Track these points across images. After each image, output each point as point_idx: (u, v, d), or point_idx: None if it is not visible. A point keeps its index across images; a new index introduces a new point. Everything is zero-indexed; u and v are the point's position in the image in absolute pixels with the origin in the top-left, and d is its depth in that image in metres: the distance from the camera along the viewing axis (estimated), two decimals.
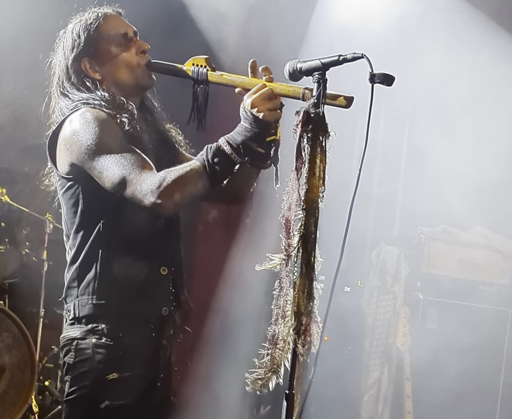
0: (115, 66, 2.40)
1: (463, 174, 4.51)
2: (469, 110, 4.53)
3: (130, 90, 2.41)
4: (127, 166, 2.16)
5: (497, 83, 4.56)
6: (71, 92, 2.37)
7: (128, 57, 2.40)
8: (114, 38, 2.40)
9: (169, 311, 2.39)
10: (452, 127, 4.63)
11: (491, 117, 4.58)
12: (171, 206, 2.15)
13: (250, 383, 2.01)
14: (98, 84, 2.37)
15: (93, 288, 2.30)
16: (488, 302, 4.69)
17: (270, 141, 2.15)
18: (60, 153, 2.31)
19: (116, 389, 2.27)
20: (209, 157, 2.12)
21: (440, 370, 4.43)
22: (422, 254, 4.77)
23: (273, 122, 2.12)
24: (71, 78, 2.38)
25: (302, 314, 1.95)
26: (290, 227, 1.97)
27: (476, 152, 4.49)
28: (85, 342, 2.29)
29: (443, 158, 4.60)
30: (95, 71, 2.39)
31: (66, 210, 2.37)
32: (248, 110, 2.10)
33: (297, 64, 2.04)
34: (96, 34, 2.39)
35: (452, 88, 4.57)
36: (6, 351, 4.34)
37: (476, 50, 4.51)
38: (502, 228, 4.80)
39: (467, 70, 4.52)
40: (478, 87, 4.55)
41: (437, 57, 4.72)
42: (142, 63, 2.40)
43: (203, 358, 4.40)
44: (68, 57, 2.39)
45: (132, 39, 2.43)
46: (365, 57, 1.93)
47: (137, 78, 2.41)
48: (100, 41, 2.40)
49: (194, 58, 2.33)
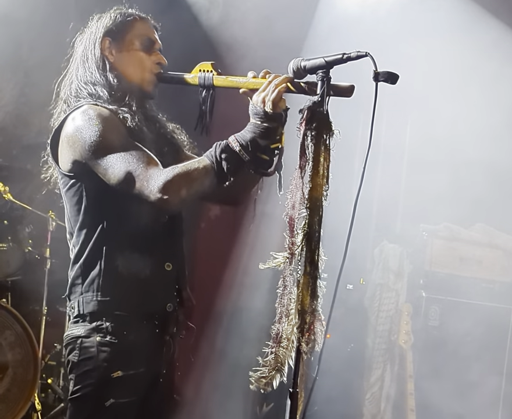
0: (130, 57, 2.42)
1: (465, 172, 4.51)
2: (473, 105, 4.51)
3: (132, 89, 2.41)
4: (132, 162, 2.16)
5: (501, 73, 4.55)
6: (90, 64, 2.39)
7: (144, 58, 2.43)
8: (142, 37, 2.44)
9: (173, 307, 2.39)
10: (455, 124, 4.62)
11: (495, 113, 4.57)
12: (178, 202, 2.15)
13: (254, 381, 2.02)
14: (111, 67, 2.39)
15: (97, 285, 2.30)
16: (490, 300, 4.69)
17: (274, 148, 2.17)
18: (63, 151, 2.31)
19: (120, 387, 2.28)
20: (217, 154, 2.13)
21: (443, 368, 4.43)
22: (425, 252, 4.76)
23: (282, 112, 2.13)
24: (95, 51, 2.40)
25: (306, 312, 1.95)
26: (293, 226, 1.98)
27: (477, 150, 4.48)
28: (89, 340, 2.29)
29: (444, 157, 4.59)
30: (111, 53, 2.42)
31: (69, 208, 2.37)
32: (258, 106, 2.12)
33: (301, 62, 2.05)
34: (129, 23, 2.44)
35: (455, 82, 4.56)
36: (8, 349, 4.35)
37: (480, 38, 4.51)
38: (505, 225, 4.79)
39: (472, 62, 4.51)
40: (483, 77, 4.53)
41: (443, 50, 4.71)
42: (154, 71, 2.43)
43: (206, 355, 4.40)
44: (99, 31, 2.42)
45: (155, 50, 2.47)
46: (369, 55, 1.93)
47: (142, 81, 2.42)
48: (128, 31, 2.44)
49: (200, 64, 2.36)
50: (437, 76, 4.75)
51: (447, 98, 4.63)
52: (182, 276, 2.47)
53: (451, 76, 4.65)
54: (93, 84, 2.37)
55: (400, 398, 4.52)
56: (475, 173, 4.46)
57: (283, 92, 2.11)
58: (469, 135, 4.51)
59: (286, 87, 2.11)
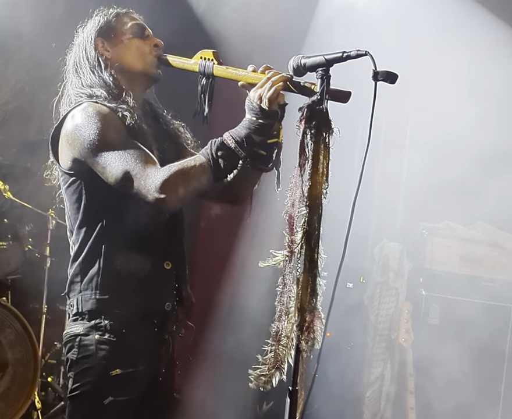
0: (126, 47, 2.43)
1: (465, 171, 4.50)
2: (474, 105, 4.51)
3: (135, 77, 2.42)
4: (130, 161, 2.16)
5: (501, 71, 4.54)
6: (84, 69, 2.39)
7: (140, 44, 2.44)
8: (132, 26, 2.46)
9: (172, 306, 2.39)
10: (456, 122, 4.61)
11: (495, 112, 4.56)
12: (175, 201, 2.15)
13: (253, 380, 2.01)
14: (106, 65, 2.39)
15: (96, 283, 2.30)
16: (490, 298, 4.68)
17: (272, 143, 2.17)
18: (63, 149, 2.31)
19: (119, 385, 2.28)
20: (213, 152, 2.13)
21: (443, 366, 4.43)
22: (425, 250, 4.76)
23: (278, 109, 2.13)
24: (87, 54, 2.40)
25: (306, 310, 1.95)
26: (293, 224, 1.97)
27: (478, 149, 4.48)
28: (88, 338, 2.29)
29: (446, 155, 4.59)
30: (106, 50, 2.42)
31: (69, 205, 2.37)
32: (254, 102, 2.11)
33: (301, 59, 2.05)
34: (116, 19, 2.45)
35: (456, 80, 4.55)
36: (8, 347, 4.34)
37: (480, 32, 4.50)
38: (505, 223, 4.79)
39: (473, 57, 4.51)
40: (483, 74, 4.53)
41: (442, 47, 4.70)
42: (154, 54, 2.43)
43: (205, 353, 4.40)
44: (90, 36, 2.43)
45: (148, 35, 2.47)
46: (368, 54, 1.93)
47: (145, 65, 2.42)
48: (117, 25, 2.45)
49: (202, 51, 2.35)
50: (439, 75, 4.75)
51: (448, 97, 4.62)
52: (182, 274, 2.47)
53: (452, 76, 4.64)
54: (90, 86, 2.37)
55: (400, 397, 4.52)
56: (475, 172, 4.45)
57: (280, 90, 2.11)
58: (469, 135, 4.51)
59: (284, 86, 2.11)
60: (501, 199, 4.47)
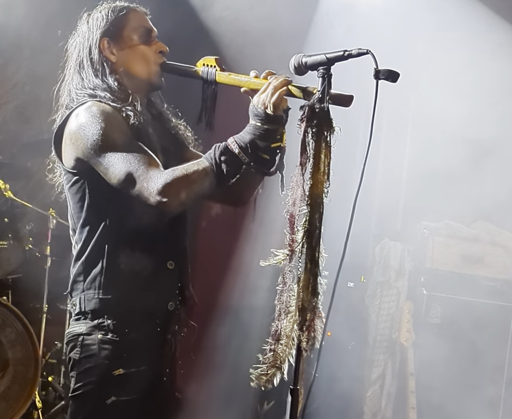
0: (132, 54, 2.41)
1: (466, 169, 4.50)
2: (475, 104, 4.50)
3: (140, 84, 2.41)
4: (133, 163, 2.15)
5: (501, 66, 4.53)
6: (87, 71, 2.37)
7: (146, 50, 2.42)
8: (138, 29, 2.43)
9: (175, 306, 2.39)
10: (456, 123, 4.61)
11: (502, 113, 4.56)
12: (177, 204, 2.15)
13: (254, 379, 2.01)
14: (111, 69, 2.37)
15: (99, 283, 2.30)
16: (492, 298, 4.68)
17: (275, 147, 2.16)
18: (66, 148, 2.31)
19: (122, 385, 2.28)
20: (217, 157, 2.12)
21: (444, 365, 4.43)
22: (426, 249, 4.75)
23: (283, 114, 2.12)
24: (92, 55, 2.37)
25: (306, 310, 1.95)
26: (294, 223, 1.97)
27: (478, 151, 4.48)
28: (91, 338, 2.29)
29: (448, 153, 4.58)
30: (112, 53, 2.40)
31: (72, 204, 2.37)
32: (258, 107, 2.11)
33: (302, 58, 2.04)
34: (123, 18, 2.42)
35: (458, 83, 4.55)
36: (9, 347, 4.34)
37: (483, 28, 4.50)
38: (506, 223, 4.79)
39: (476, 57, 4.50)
40: (484, 69, 4.52)
41: (443, 44, 4.70)
42: (158, 62, 2.42)
43: (207, 353, 4.40)
44: (94, 33, 2.39)
45: (153, 39, 2.46)
46: (370, 53, 1.92)
47: (149, 74, 2.42)
48: (124, 27, 2.42)
49: (204, 58, 2.36)
50: (441, 75, 4.74)
51: (449, 97, 4.62)
52: (184, 274, 2.47)
53: (454, 76, 4.64)
54: (93, 89, 2.35)
55: (401, 396, 4.52)
56: (475, 172, 4.45)
57: (284, 94, 2.10)
58: (470, 135, 4.50)
59: (287, 90, 2.10)
60: (502, 197, 4.47)
